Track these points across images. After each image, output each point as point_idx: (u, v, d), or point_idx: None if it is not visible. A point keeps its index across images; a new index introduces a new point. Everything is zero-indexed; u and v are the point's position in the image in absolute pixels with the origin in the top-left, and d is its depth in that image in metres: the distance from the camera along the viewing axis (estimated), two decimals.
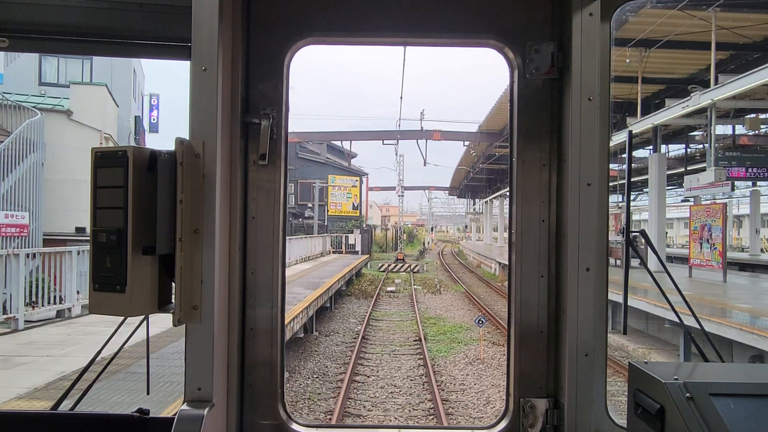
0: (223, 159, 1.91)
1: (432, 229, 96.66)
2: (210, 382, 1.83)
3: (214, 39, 1.83)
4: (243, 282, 2.13)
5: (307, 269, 27.71)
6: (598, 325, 1.99)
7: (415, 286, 30.83)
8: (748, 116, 23.51)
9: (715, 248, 18.49)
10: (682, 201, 40.90)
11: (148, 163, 1.67)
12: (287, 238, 2.41)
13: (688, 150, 29.82)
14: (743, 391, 1.43)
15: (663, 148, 27.03)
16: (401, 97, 49.93)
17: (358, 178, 57.88)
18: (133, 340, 2.10)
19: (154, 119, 31.29)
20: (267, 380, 2.14)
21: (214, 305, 1.82)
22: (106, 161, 1.67)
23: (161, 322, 2.01)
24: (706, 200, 24.80)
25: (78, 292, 13.43)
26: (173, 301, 1.74)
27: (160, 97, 32.15)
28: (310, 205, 51.66)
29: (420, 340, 16.52)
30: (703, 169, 21.55)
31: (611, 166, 2.17)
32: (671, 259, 33.32)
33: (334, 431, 5.24)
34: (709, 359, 1.94)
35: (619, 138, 15.80)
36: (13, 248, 13.09)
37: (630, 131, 3.44)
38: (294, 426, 2.14)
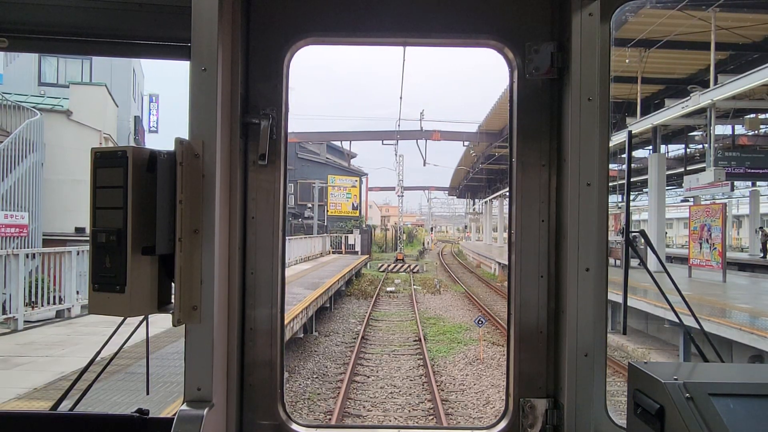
0: (222, 159, 1.91)
1: (431, 229, 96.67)
2: (210, 383, 1.82)
3: (214, 39, 1.82)
4: (243, 282, 2.12)
5: (307, 269, 27.70)
6: (598, 325, 1.99)
7: (415, 287, 30.83)
8: (748, 116, 23.54)
9: (715, 248, 18.49)
10: (682, 201, 40.96)
11: (147, 164, 1.67)
12: (287, 238, 2.40)
13: (688, 150, 29.84)
14: (743, 391, 1.43)
15: (662, 148, 27.04)
16: (401, 97, 50.11)
17: (357, 179, 57.87)
18: (132, 341, 2.10)
19: (153, 123, 31.28)
20: (267, 380, 2.14)
21: (214, 305, 1.82)
22: (105, 161, 1.67)
23: (161, 322, 2.00)
24: (706, 200, 24.82)
25: (78, 293, 13.42)
26: (173, 301, 1.74)
27: (160, 97, 32.18)
28: (309, 205, 51.65)
29: (420, 340, 16.52)
30: (703, 170, 21.57)
31: (611, 166, 2.16)
32: (671, 259, 33.30)
33: (334, 431, 5.24)
34: (709, 359, 1.94)
35: (618, 138, 15.80)
36: (13, 248, 13.09)
37: (630, 131, 3.43)
38: (294, 426, 2.14)
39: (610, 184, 2.11)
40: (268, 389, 2.14)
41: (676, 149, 32.31)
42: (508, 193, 2.51)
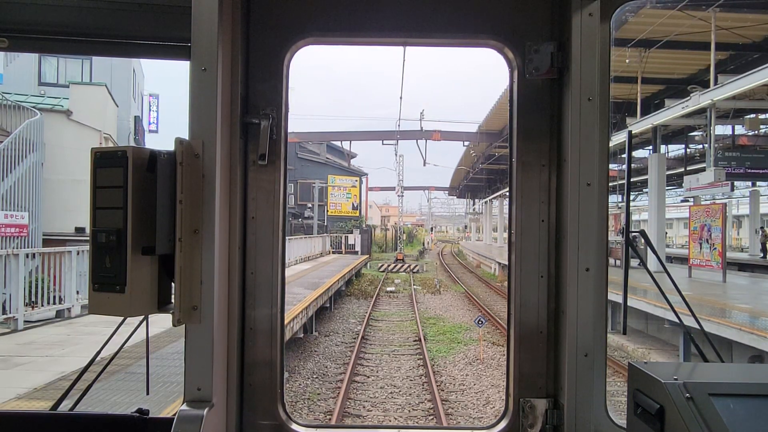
0: (222, 159, 1.91)
1: (431, 229, 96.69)
2: (210, 383, 1.82)
3: (214, 39, 1.83)
4: (242, 282, 2.12)
5: (307, 269, 27.70)
6: (598, 325, 1.99)
7: (415, 287, 30.83)
8: (748, 116, 23.54)
9: (715, 248, 18.48)
10: (682, 201, 40.95)
11: (147, 164, 1.67)
12: (287, 238, 2.40)
13: (688, 150, 29.85)
14: (743, 391, 1.44)
15: (663, 148, 27.04)
16: (401, 97, 49.93)
17: (357, 179, 57.89)
18: (132, 341, 2.10)
19: (153, 123, 31.26)
20: (267, 380, 2.14)
21: (214, 305, 1.82)
22: (105, 161, 1.67)
23: (161, 322, 2.00)
24: (706, 200, 24.82)
25: (78, 293, 13.42)
26: (173, 301, 1.74)
27: (160, 97, 32.18)
28: (309, 205, 51.65)
29: (420, 340, 16.52)
30: (703, 170, 21.57)
31: (611, 166, 2.16)
32: (671, 259, 33.31)
33: (334, 431, 5.24)
34: (709, 359, 1.94)
35: (618, 138, 15.80)
36: (13, 248, 13.09)
37: (630, 131, 3.43)
38: (293, 426, 2.14)
39: (610, 184, 2.11)
40: (268, 389, 2.14)
41: (676, 149, 32.32)
42: (508, 193, 2.51)
